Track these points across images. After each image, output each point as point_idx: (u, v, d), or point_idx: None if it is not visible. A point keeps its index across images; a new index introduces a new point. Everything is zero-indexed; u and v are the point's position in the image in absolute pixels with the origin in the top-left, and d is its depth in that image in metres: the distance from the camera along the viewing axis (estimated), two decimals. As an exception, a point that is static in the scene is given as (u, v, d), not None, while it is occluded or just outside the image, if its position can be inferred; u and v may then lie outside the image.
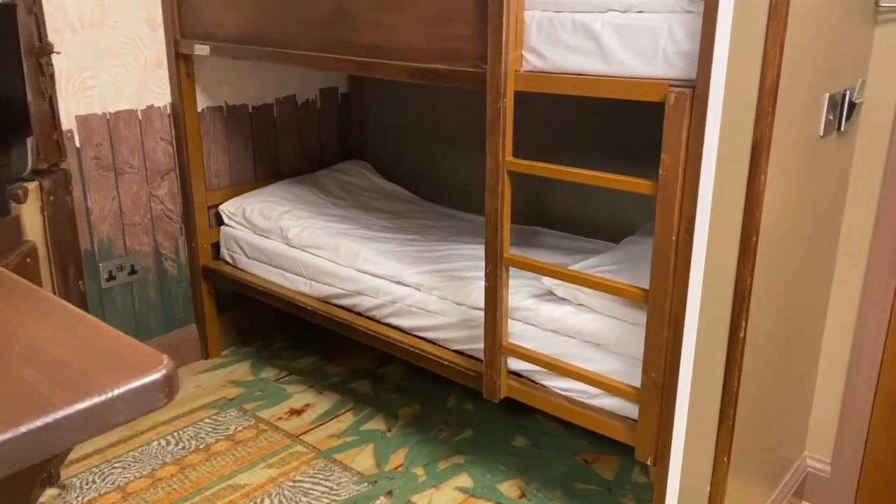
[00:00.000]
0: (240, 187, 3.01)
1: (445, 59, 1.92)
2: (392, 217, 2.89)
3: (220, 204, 2.93)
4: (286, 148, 3.20)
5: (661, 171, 1.57)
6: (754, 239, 1.49)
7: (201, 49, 2.56)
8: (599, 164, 2.59)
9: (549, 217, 2.80)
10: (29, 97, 2.10)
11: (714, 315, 1.58)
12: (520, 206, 2.80)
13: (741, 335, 1.55)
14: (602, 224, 2.66)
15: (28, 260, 2.10)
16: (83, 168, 2.56)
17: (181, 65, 2.69)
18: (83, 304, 2.45)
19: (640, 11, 1.62)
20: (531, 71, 1.80)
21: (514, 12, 1.75)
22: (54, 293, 2.30)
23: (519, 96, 1.81)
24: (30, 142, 2.12)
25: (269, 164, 3.15)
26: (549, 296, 2.08)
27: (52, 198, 2.26)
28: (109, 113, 2.58)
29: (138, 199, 2.73)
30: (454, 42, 1.89)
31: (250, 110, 3.03)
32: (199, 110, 2.83)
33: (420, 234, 2.72)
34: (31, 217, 2.16)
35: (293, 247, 2.68)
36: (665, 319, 1.65)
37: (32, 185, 2.17)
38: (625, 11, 1.64)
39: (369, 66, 2.09)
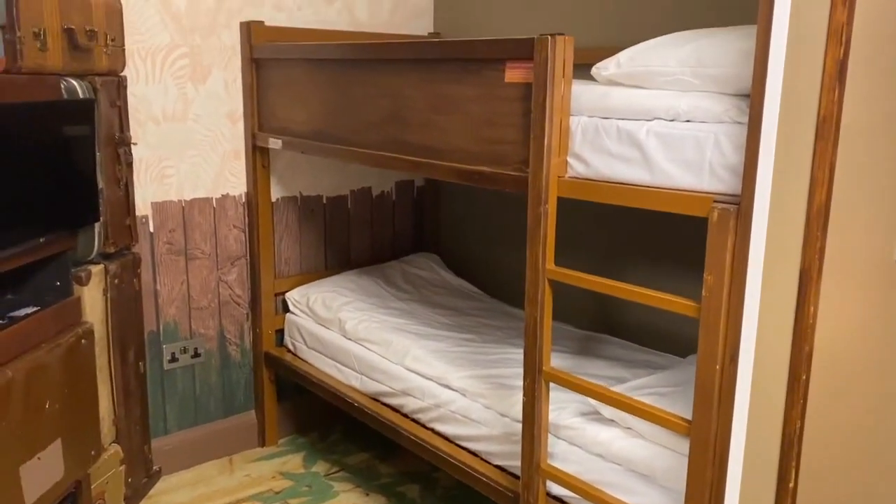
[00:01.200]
0: (308, 275, 3.04)
1: (491, 162, 1.87)
2: (452, 313, 2.82)
3: (288, 291, 2.96)
4: (358, 238, 3.22)
5: (703, 293, 1.43)
6: (804, 377, 1.31)
7: (275, 143, 2.64)
8: (664, 269, 2.44)
9: (618, 323, 2.64)
10: (101, 184, 2.21)
11: (762, 460, 1.38)
12: (587, 308, 2.68)
13: (790, 485, 1.34)
14: (672, 335, 2.47)
15: (83, 341, 2.16)
16: (155, 252, 2.65)
17: (257, 156, 2.78)
18: (142, 385, 2.50)
19: (687, 121, 1.52)
20: (575, 177, 1.72)
21: (557, 118, 1.68)
22: (111, 373, 2.35)
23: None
24: (97, 227, 2.22)
25: (340, 253, 3.17)
26: (597, 415, 1.92)
27: (116, 280, 2.34)
28: (185, 200, 2.69)
29: (207, 284, 2.79)
30: (499, 145, 1.83)
31: (325, 201, 3.08)
32: (274, 200, 2.91)
33: (477, 333, 2.62)
34: (92, 299, 2.23)
35: (349, 339, 2.65)
36: (709, 457, 1.47)
37: (97, 269, 2.25)
38: (671, 120, 1.54)
39: (420, 166, 2.07)
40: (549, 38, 1.64)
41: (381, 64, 2.17)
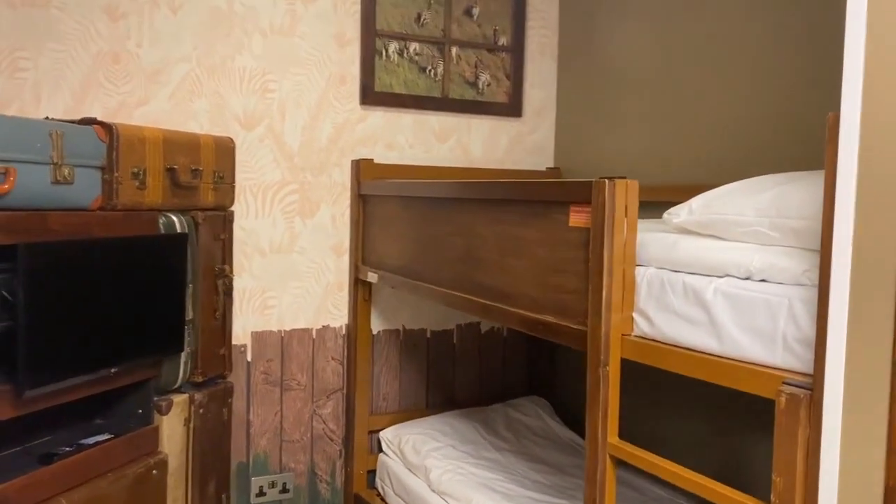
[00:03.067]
0: (407, 413, 2.91)
1: (556, 312, 1.68)
2: (551, 472, 2.54)
3: (383, 430, 2.84)
4: (464, 377, 3.07)
5: (772, 498, 1.13)
6: None
7: (372, 276, 2.62)
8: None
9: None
10: (191, 314, 2.27)
11: None
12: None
13: None
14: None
15: (154, 472, 2.16)
16: (251, 381, 2.66)
17: (359, 289, 2.76)
18: (222, 519, 2.45)
19: (762, 280, 1.26)
20: (641, 337, 1.49)
21: (619, 268, 1.48)
22: (186, 505, 2.32)
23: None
24: (183, 356, 2.26)
25: (443, 391, 3.03)
26: None
27: (202, 410, 2.35)
28: (285, 331, 2.71)
29: (301, 417, 2.75)
30: (563, 294, 1.65)
31: (428, 335, 2.98)
32: (375, 332, 2.86)
33: (574, 499, 2.33)
34: (171, 429, 2.24)
35: (433, 490, 2.46)
36: None
37: (180, 398, 2.27)
38: (745, 278, 1.29)
39: (490, 310, 1.92)
40: (607, 181, 1.47)
41: (456, 202, 2.09)
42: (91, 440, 2.03)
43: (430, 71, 2.92)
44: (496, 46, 3.06)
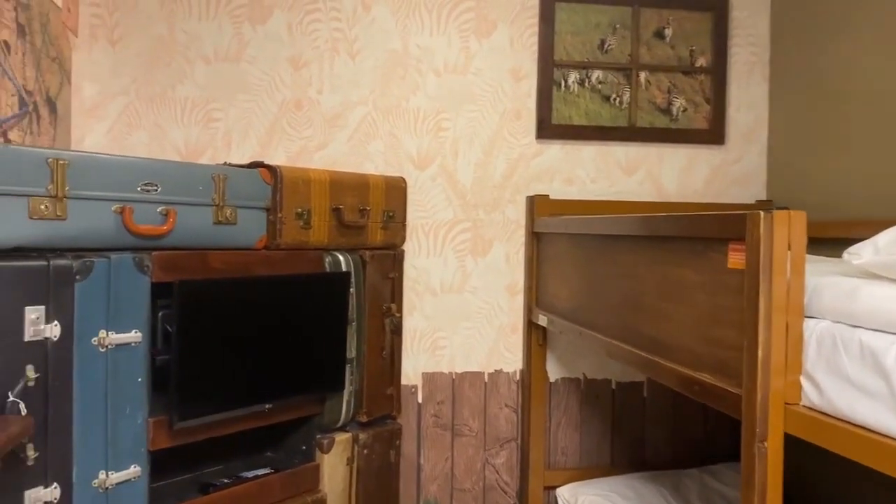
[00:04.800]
0: (588, 470, 2.67)
1: (713, 370, 1.40)
2: (746, 555, 2.16)
3: (561, 486, 2.63)
4: (656, 435, 2.76)
5: None
6: None
7: (543, 319, 2.45)
8: None
9: None
10: (353, 353, 2.27)
11: None
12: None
13: None
14: None
15: (312, 509, 2.16)
16: (421, 424, 2.61)
17: (533, 332, 2.61)
18: (385, 564, 2.40)
19: (965, 339, 0.93)
20: (810, 407, 1.18)
21: (781, 319, 1.20)
22: (347, 547, 2.30)
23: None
24: (346, 395, 2.26)
25: (631, 449, 2.74)
26: None
27: (366, 451, 2.33)
28: (456, 373, 2.62)
29: (472, 465, 2.64)
30: (720, 349, 1.38)
31: (614, 386, 2.73)
32: (552, 380, 2.68)
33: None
34: (332, 468, 2.24)
35: (603, 561, 2.20)
36: None
37: (343, 437, 2.27)
38: (942, 338, 0.96)
39: (648, 365, 1.67)
40: (763, 213, 1.20)
41: (617, 240, 1.87)
42: (251, 473, 2.09)
43: (614, 99, 2.72)
44: (693, 69, 2.77)
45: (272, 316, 2.02)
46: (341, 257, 2.24)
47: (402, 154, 2.58)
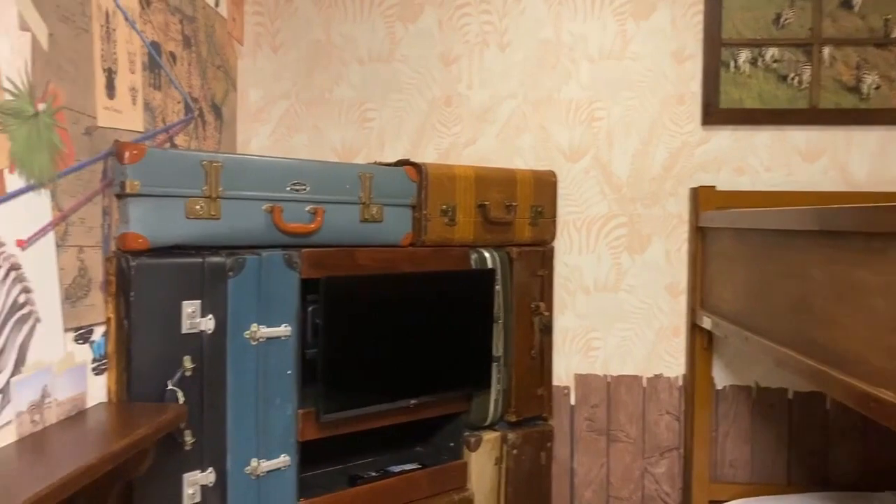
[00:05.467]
0: (760, 486, 2.45)
1: (893, 386, 1.21)
2: None
3: (728, 501, 2.43)
4: (841, 451, 2.47)
5: None
6: None
7: (706, 321, 2.27)
8: None
9: None
10: (499, 352, 2.22)
11: None
12: None
13: None
14: None
15: (459, 508, 2.15)
16: (574, 427, 2.51)
17: (697, 336, 2.42)
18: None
19: None
20: None
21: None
22: (497, 548, 2.27)
23: None
24: (493, 393, 2.22)
25: (812, 465, 2.47)
26: None
27: (515, 451, 2.28)
28: (611, 376, 2.50)
29: (629, 472, 2.50)
30: (904, 363, 1.18)
31: (790, 396, 2.48)
32: (719, 388, 2.47)
33: None
34: (480, 467, 2.22)
35: (774, 589, 2.00)
36: None
37: (491, 436, 2.24)
38: None
39: (818, 376, 1.47)
40: (955, 201, 1.00)
41: (787, 235, 1.67)
42: (398, 468, 2.11)
43: (792, 79, 2.45)
44: (889, 40, 2.44)
45: (417, 313, 2.02)
46: (487, 254, 2.20)
47: (553, 147, 2.49)
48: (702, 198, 2.41)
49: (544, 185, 2.37)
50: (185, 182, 1.64)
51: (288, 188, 1.81)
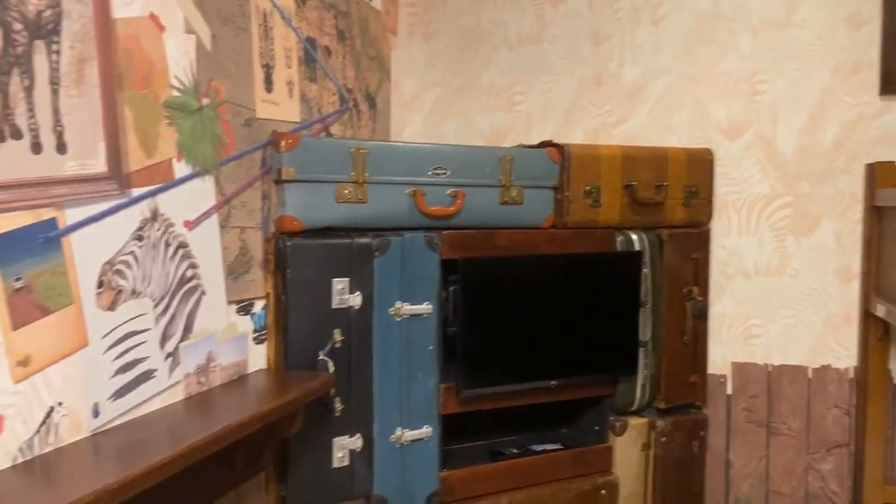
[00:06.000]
0: (946, 494, 2.21)
1: None
2: None
3: (906, 505, 2.22)
4: None
5: None
6: None
7: (881, 309, 2.08)
8: None
9: None
10: (647, 336, 2.17)
11: None
12: None
13: None
14: None
15: (602, 492, 2.15)
16: (731, 417, 2.40)
17: (871, 325, 2.23)
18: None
19: None
20: None
21: None
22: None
23: None
24: (639, 379, 2.18)
25: None
26: None
27: (664, 439, 2.24)
28: (772, 365, 2.36)
29: (792, 467, 2.36)
30: None
31: None
32: (897, 382, 2.26)
33: None
34: (625, 452, 2.19)
35: None
36: None
37: (637, 421, 2.21)
38: None
39: None
40: None
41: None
42: (539, 447, 2.13)
43: None
44: None
45: (558, 294, 2.03)
46: (634, 236, 2.15)
47: (710, 124, 2.38)
48: (879, 174, 2.21)
49: (699, 164, 2.28)
50: (335, 168, 1.76)
51: (429, 173, 1.88)
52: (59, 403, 1.12)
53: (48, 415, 1.10)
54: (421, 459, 1.88)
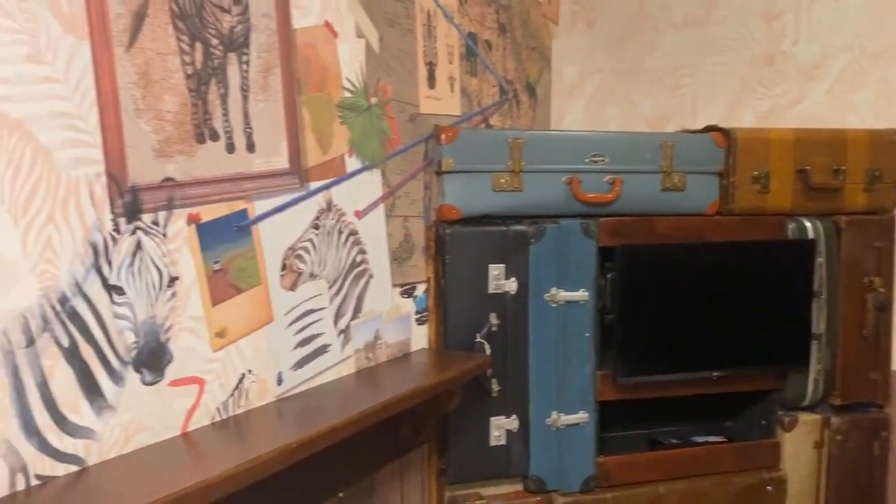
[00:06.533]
0: None
1: None
2: None
3: None
4: None
5: None
6: None
7: None
8: None
9: None
10: (820, 328, 2.06)
11: None
12: None
13: None
14: None
15: (769, 488, 2.07)
16: (920, 419, 2.22)
17: None
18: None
19: None
20: None
21: None
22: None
23: None
24: (812, 373, 2.08)
25: None
26: None
27: (839, 437, 2.13)
28: (974, 365, 2.15)
29: None
30: None
31: None
32: None
33: None
34: (795, 449, 2.11)
35: None
36: None
37: (809, 418, 2.12)
38: None
39: None
40: None
41: None
42: (701, 439, 2.09)
43: None
44: None
45: (722, 283, 1.97)
46: (808, 223, 2.04)
47: (899, 102, 2.20)
48: None
49: (884, 146, 2.11)
50: (492, 158, 1.83)
51: (587, 160, 1.90)
52: (250, 371, 1.28)
53: (240, 381, 1.26)
54: (577, 444, 1.91)
